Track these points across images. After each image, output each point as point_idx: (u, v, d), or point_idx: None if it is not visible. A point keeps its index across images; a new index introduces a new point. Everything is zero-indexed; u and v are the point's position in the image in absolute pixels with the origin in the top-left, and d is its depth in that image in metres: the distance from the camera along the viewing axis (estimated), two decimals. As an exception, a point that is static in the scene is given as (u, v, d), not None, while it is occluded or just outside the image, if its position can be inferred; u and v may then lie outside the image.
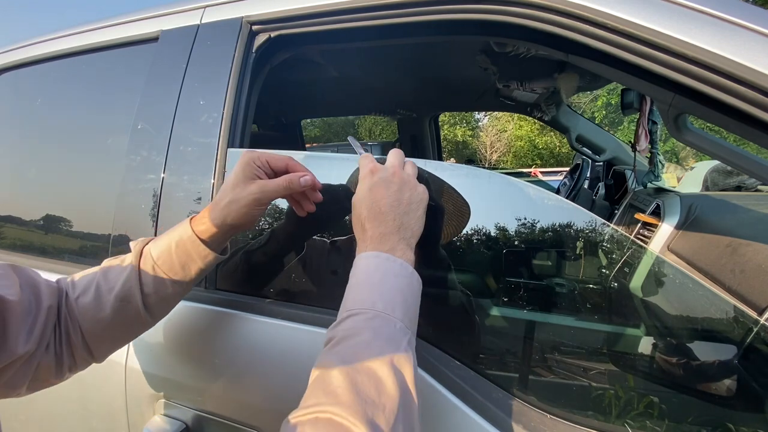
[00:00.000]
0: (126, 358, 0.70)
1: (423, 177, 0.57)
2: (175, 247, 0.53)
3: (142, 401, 0.69)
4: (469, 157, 18.56)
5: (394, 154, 0.54)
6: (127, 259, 0.53)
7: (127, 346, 0.70)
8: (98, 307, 0.49)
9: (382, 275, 0.44)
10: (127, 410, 0.71)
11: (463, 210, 0.56)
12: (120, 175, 0.77)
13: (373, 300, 0.42)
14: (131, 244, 0.55)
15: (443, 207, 0.57)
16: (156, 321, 0.55)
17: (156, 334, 0.69)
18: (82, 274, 0.52)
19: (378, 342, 0.38)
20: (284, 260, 0.66)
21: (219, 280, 0.69)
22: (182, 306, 0.69)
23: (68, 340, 0.48)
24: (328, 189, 0.60)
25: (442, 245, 0.58)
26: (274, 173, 0.56)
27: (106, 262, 0.54)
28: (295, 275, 0.66)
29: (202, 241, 0.53)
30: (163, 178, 0.72)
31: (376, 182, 0.49)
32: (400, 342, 0.39)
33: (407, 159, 0.55)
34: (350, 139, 0.63)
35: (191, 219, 0.55)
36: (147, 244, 0.54)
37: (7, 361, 0.40)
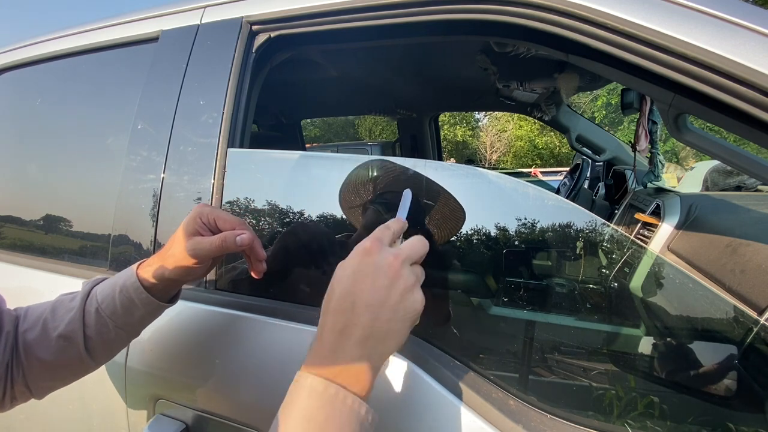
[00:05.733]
0: (126, 358, 0.70)
1: (413, 178, 0.57)
2: (118, 293, 0.51)
3: (142, 401, 0.69)
4: (469, 157, 18.56)
5: (413, 244, 0.40)
6: (77, 298, 0.52)
7: (126, 346, 0.70)
8: (42, 345, 0.49)
9: (321, 423, 0.32)
10: (127, 410, 0.71)
11: (457, 215, 0.56)
12: (120, 175, 0.77)
13: None
14: (83, 282, 0.54)
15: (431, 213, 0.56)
16: (98, 365, 0.54)
17: (156, 334, 0.69)
18: (35, 306, 0.52)
19: None
20: (284, 260, 0.66)
21: (219, 280, 0.69)
22: (182, 306, 0.69)
23: (11, 372, 0.48)
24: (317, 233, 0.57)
25: (445, 249, 0.58)
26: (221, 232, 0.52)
27: (60, 297, 0.53)
28: (295, 275, 0.66)
29: (146, 288, 0.52)
30: (163, 178, 0.72)
31: (363, 268, 0.37)
32: None
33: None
34: (406, 192, 0.50)
35: (139, 264, 0.53)
36: (98, 284, 0.53)
37: None
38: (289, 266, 0.66)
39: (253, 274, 0.55)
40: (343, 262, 0.39)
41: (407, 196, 0.50)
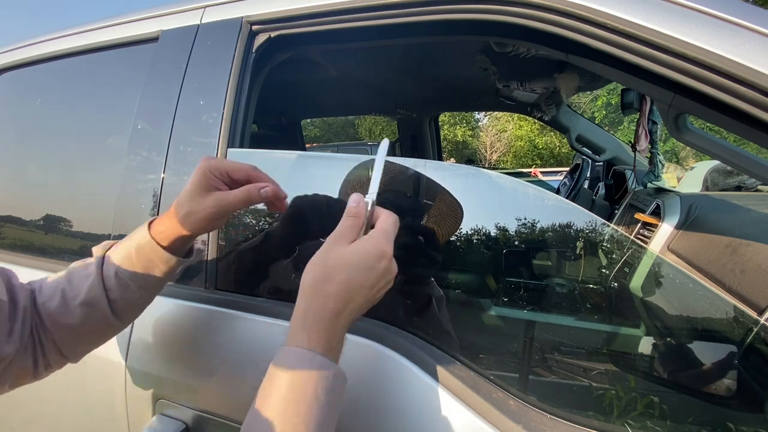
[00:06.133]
0: (126, 358, 0.70)
1: (418, 179, 0.57)
2: (135, 254, 0.51)
3: (142, 401, 0.69)
4: (469, 157, 18.56)
5: (391, 225, 0.44)
6: (90, 264, 0.52)
7: (126, 346, 0.70)
8: (65, 313, 0.49)
9: (298, 397, 0.36)
10: (127, 410, 0.71)
11: (456, 212, 0.56)
12: (120, 175, 0.77)
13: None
14: (93, 249, 0.54)
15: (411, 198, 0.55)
16: (127, 324, 0.55)
17: (156, 334, 0.69)
18: (47, 278, 0.52)
19: None
20: (284, 260, 0.66)
21: (219, 280, 0.69)
22: (182, 306, 0.69)
23: (40, 341, 0.48)
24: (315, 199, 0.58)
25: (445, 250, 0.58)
26: (235, 183, 0.52)
27: (72, 266, 0.53)
28: (294, 275, 0.66)
29: (163, 246, 0.51)
30: (163, 178, 0.72)
31: (359, 258, 0.41)
32: None
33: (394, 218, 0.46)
34: (384, 142, 0.50)
35: (150, 223, 0.53)
36: (108, 249, 0.53)
37: None
38: (292, 267, 0.66)
39: (276, 210, 0.55)
40: (345, 253, 0.41)
41: (383, 148, 0.49)
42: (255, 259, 0.68)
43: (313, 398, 0.36)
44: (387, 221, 0.44)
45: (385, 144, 0.49)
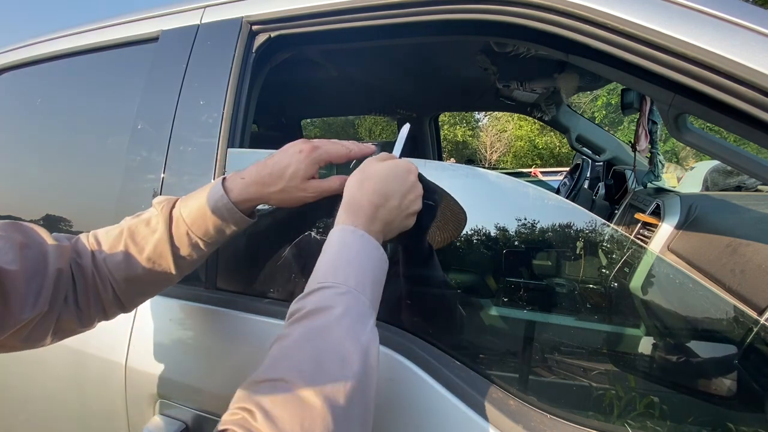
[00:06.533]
0: (126, 358, 0.70)
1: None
2: (210, 213, 0.53)
3: (142, 401, 0.69)
4: (469, 157, 18.56)
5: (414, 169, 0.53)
6: (154, 221, 0.53)
7: (127, 346, 0.70)
8: (129, 268, 0.51)
9: (356, 252, 0.44)
10: (127, 410, 0.71)
11: (459, 216, 0.56)
12: (120, 175, 0.77)
13: (347, 275, 0.42)
14: (154, 202, 0.55)
15: (434, 209, 0.56)
16: (181, 277, 0.57)
17: (156, 334, 0.69)
18: (104, 233, 0.53)
19: (347, 319, 0.38)
20: (285, 260, 0.66)
21: (219, 280, 0.69)
22: (182, 306, 0.69)
23: (97, 295, 0.50)
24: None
25: (439, 249, 0.57)
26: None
27: (129, 222, 0.54)
28: (295, 275, 0.66)
29: (239, 209, 0.54)
30: (163, 178, 0.72)
31: (388, 167, 0.50)
32: (367, 321, 0.40)
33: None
34: (405, 126, 0.59)
35: (223, 181, 0.54)
36: (173, 205, 0.55)
37: (14, 326, 0.41)
38: (293, 267, 0.66)
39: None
40: (380, 166, 0.50)
41: (405, 129, 0.57)
42: (255, 258, 0.68)
43: (357, 257, 0.44)
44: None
45: (406, 127, 0.57)
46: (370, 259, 0.45)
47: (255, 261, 0.68)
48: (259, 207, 0.67)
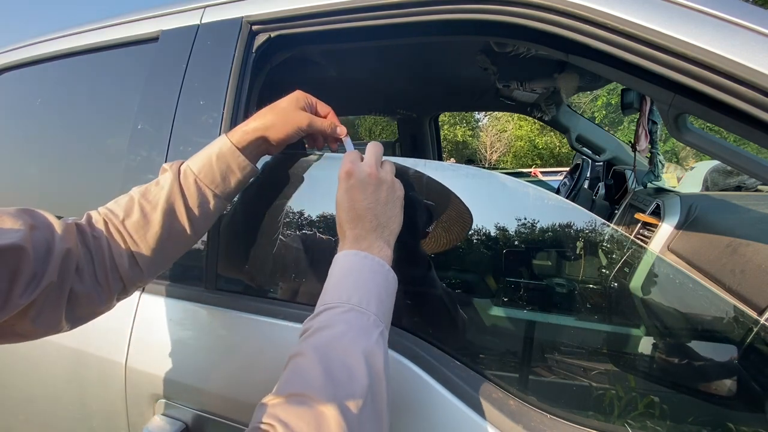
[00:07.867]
0: (126, 358, 0.70)
1: (422, 180, 0.57)
2: (215, 159, 0.55)
3: (142, 401, 0.69)
4: (469, 157, 18.57)
5: (371, 152, 0.54)
6: (162, 179, 0.55)
7: (126, 345, 0.70)
8: (147, 225, 0.52)
9: (358, 272, 0.46)
10: (127, 410, 0.71)
11: (464, 217, 0.56)
12: (120, 175, 0.77)
13: (349, 295, 0.44)
14: (165, 165, 0.56)
15: (420, 201, 0.57)
16: (197, 239, 0.58)
17: (156, 334, 0.69)
18: (113, 202, 0.54)
19: (351, 333, 0.41)
20: (285, 260, 0.66)
21: (219, 280, 0.69)
22: (182, 306, 0.69)
23: (114, 266, 0.50)
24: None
25: (445, 251, 0.58)
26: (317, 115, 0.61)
27: (137, 189, 0.55)
28: (295, 275, 0.66)
29: (241, 151, 0.56)
30: (163, 178, 0.72)
31: (353, 185, 0.50)
32: (371, 333, 0.42)
33: (385, 158, 0.56)
34: (345, 139, 0.64)
35: (227, 134, 0.57)
36: (182, 164, 0.56)
37: (13, 311, 0.40)
38: (290, 267, 0.66)
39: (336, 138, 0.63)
40: (338, 190, 0.51)
41: (347, 141, 0.63)
42: (255, 258, 0.68)
43: (360, 276, 0.46)
44: (369, 151, 0.54)
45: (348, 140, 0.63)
46: (373, 274, 0.47)
47: (255, 261, 0.68)
48: (260, 207, 0.67)
